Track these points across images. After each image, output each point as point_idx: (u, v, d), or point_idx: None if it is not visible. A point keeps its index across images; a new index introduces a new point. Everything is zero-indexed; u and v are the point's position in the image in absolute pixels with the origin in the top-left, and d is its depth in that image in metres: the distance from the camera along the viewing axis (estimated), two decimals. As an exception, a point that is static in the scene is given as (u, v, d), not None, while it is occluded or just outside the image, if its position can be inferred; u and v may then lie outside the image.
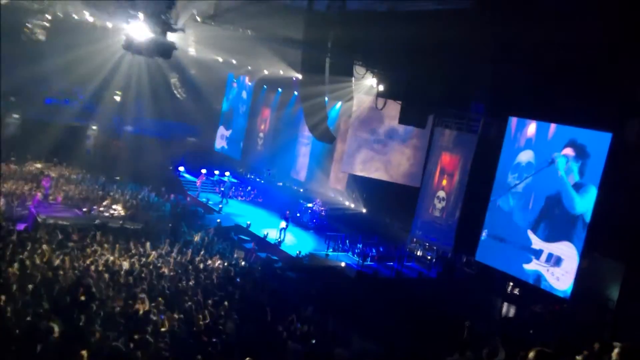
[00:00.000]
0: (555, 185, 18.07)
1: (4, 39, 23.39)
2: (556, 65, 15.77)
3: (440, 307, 17.17)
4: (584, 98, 16.46)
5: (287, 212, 23.75)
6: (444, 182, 22.53)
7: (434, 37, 16.44)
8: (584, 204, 17.17)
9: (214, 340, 10.43)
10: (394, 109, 22.50)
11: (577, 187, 17.44)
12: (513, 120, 19.72)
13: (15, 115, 32.93)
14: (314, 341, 12.78)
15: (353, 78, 21.20)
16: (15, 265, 12.43)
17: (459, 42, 16.13)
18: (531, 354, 4.69)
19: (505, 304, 19.31)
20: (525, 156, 19.16)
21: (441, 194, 22.54)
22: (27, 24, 21.22)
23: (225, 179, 30.08)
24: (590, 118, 16.99)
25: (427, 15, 15.67)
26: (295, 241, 23.69)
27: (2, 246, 13.94)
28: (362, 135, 25.30)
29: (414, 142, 24.38)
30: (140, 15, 15.42)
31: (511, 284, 19.46)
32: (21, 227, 18.02)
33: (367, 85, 23.63)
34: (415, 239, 23.53)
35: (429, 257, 22.67)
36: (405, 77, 20.03)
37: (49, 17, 19.54)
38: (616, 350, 5.49)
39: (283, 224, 23.34)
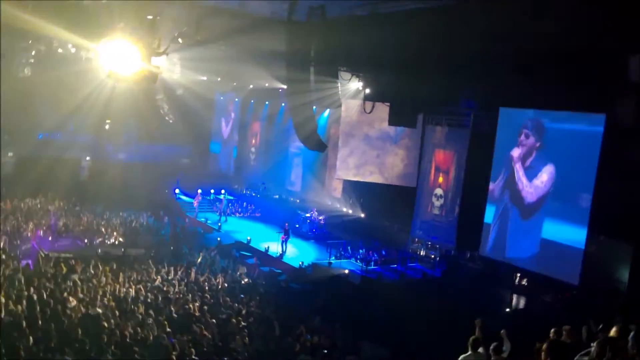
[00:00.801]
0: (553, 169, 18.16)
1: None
2: (544, 52, 15.80)
3: (449, 305, 17.10)
4: (574, 81, 16.42)
5: (286, 224, 23.72)
6: (440, 180, 22.56)
7: (417, 36, 16.48)
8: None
9: (224, 359, 10.38)
10: (383, 111, 22.59)
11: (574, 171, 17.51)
12: (504, 111, 19.79)
13: (10, 154, 32.95)
14: (325, 351, 12.71)
15: (339, 84, 21.24)
16: (24, 302, 12.37)
17: (443, 39, 16.18)
18: (544, 345, 4.67)
19: (515, 296, 19.25)
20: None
21: (438, 191, 22.55)
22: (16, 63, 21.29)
23: (222, 196, 30.05)
24: (583, 101, 16.99)
25: (408, 15, 15.70)
26: (297, 252, 23.65)
27: (8, 284, 13.87)
28: (353, 140, 25.30)
29: (405, 142, 24.40)
30: (123, 42, 15.46)
31: (518, 275, 19.45)
32: (24, 263, 17.95)
33: (353, 89, 23.70)
34: (416, 239, 23.52)
35: (432, 256, 22.64)
36: (392, 78, 20.08)
37: (34, 53, 19.58)
38: (632, 334, 5.47)
39: (283, 236, 23.32)
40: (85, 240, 22.88)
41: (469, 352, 7.74)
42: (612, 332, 6.12)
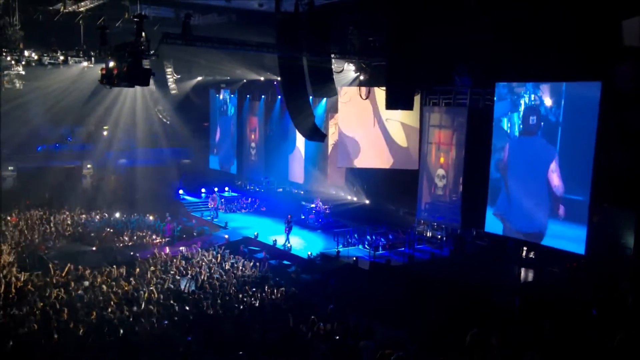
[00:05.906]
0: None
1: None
2: (536, 24, 15.74)
3: (458, 284, 17.10)
4: (568, 51, 16.39)
5: (289, 216, 23.69)
6: (442, 160, 22.55)
7: (408, 16, 16.43)
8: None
9: (240, 352, 10.44)
10: (379, 95, 22.51)
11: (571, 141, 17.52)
12: (500, 86, 19.77)
13: (10, 168, 33.08)
14: (337, 337, 12.77)
15: (333, 72, 21.20)
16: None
17: (435, 17, 16.09)
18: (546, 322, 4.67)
19: (523, 270, 19.30)
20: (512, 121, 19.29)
21: (440, 172, 22.55)
22: (4, 76, 21.29)
23: (214, 195, 29.77)
24: (578, 70, 16.95)
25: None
26: (305, 243, 23.64)
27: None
28: (352, 128, 25.26)
29: (405, 125, 24.33)
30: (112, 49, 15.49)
31: (525, 248, 19.49)
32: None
33: (348, 76, 23.64)
34: (422, 221, 23.54)
35: (439, 237, 22.65)
36: (385, 61, 20.02)
37: (23, 64, 19.60)
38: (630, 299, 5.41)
39: (286, 229, 23.31)
40: (93, 248, 22.91)
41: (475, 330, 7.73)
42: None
